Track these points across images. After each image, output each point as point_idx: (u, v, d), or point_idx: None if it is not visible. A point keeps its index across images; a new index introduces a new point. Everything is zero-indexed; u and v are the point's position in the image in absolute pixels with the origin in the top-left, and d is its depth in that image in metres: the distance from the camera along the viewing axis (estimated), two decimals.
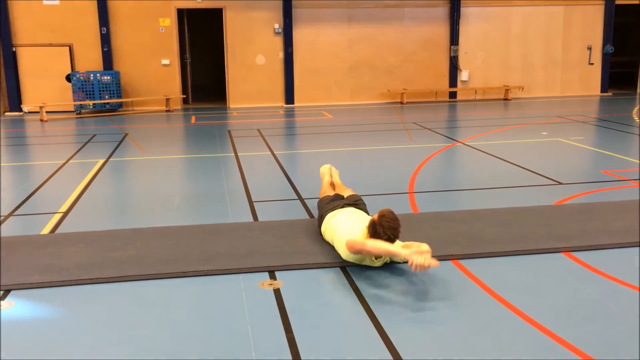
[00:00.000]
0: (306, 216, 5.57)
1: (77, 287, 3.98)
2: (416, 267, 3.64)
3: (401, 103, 15.69)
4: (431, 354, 3.11)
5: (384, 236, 3.91)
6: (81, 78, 14.08)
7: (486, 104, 15.39)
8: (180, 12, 15.22)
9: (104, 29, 14.45)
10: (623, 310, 3.54)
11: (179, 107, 15.31)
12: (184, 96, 15.66)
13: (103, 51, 14.55)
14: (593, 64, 16.77)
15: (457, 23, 15.83)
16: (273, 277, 4.10)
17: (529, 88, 16.55)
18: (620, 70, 18.69)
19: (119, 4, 14.52)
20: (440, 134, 10.56)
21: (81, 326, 3.48)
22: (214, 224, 5.30)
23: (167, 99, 14.75)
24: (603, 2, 16.40)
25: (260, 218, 5.55)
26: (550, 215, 5.30)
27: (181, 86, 15.42)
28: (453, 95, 16.43)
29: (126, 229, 5.19)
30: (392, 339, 3.24)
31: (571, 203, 5.84)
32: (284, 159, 8.57)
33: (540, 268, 4.23)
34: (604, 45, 16.62)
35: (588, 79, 16.86)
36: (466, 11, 15.95)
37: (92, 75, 14.11)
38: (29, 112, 14.25)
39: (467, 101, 16.10)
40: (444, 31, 15.97)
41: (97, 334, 3.38)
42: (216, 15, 15.27)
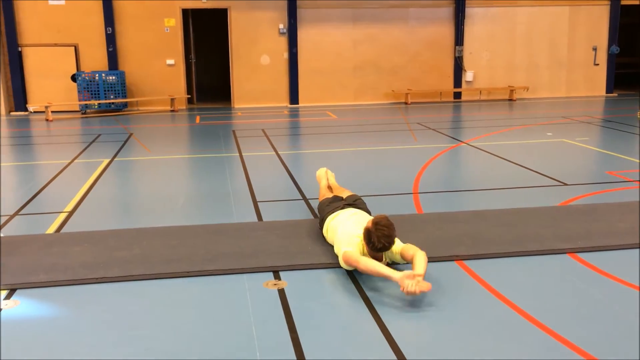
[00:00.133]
0: (310, 216, 5.57)
1: (82, 286, 3.99)
2: (407, 293, 3.59)
3: (405, 103, 15.68)
4: (435, 354, 3.11)
5: (378, 244, 3.90)
6: (86, 78, 14.12)
7: (491, 105, 15.37)
8: (185, 12, 15.25)
9: (109, 29, 14.49)
10: (627, 312, 3.53)
11: (184, 107, 15.34)
12: (189, 96, 15.68)
13: (108, 51, 14.59)
14: (598, 64, 16.72)
15: (462, 23, 15.81)
16: (277, 277, 4.11)
17: (533, 88, 16.51)
18: (626, 71, 18.66)
19: (124, 4, 14.56)
20: (444, 134, 10.55)
21: (86, 325, 3.49)
22: (218, 223, 5.31)
23: (172, 99, 14.77)
24: (608, 3, 16.35)
25: (265, 218, 5.56)
26: (555, 216, 5.29)
27: (186, 86, 15.44)
28: (458, 95, 16.41)
29: (131, 228, 5.21)
30: (396, 339, 3.24)
31: (576, 204, 5.83)
32: (289, 159, 8.57)
33: (544, 269, 4.23)
34: (609, 45, 16.58)
35: (593, 80, 16.81)
36: (471, 11, 15.93)
37: (97, 75, 14.15)
38: (34, 112, 14.30)
39: (471, 102, 16.08)
40: (448, 31, 15.95)
41: (102, 333, 3.40)
42: (221, 15, 15.30)
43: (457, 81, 16.24)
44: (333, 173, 5.69)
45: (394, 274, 3.72)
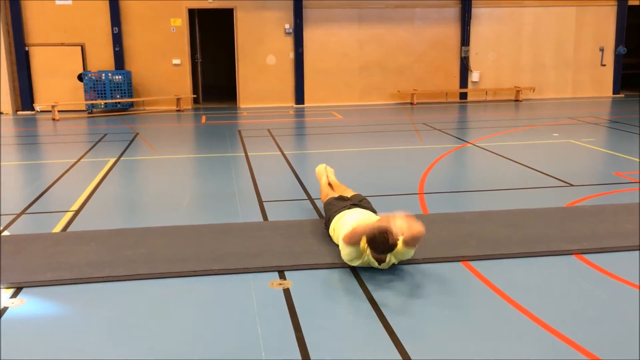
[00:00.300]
0: (315, 216, 5.57)
1: (88, 285, 4.01)
2: (401, 230, 3.81)
3: (411, 104, 15.66)
4: (440, 354, 3.10)
5: (381, 247, 3.91)
6: (93, 77, 14.16)
7: (497, 105, 15.33)
8: (192, 12, 15.28)
9: (116, 28, 14.54)
10: (634, 313, 3.52)
11: (190, 106, 15.36)
12: (195, 96, 15.71)
13: (115, 51, 14.63)
14: (605, 65, 16.66)
15: (468, 24, 15.78)
16: (282, 276, 4.11)
17: (540, 89, 16.46)
18: (633, 72, 18.57)
19: (131, 4, 14.60)
20: (450, 135, 10.53)
21: (91, 324, 3.50)
22: (223, 223, 5.32)
23: (178, 99, 14.80)
24: (615, 3, 16.29)
25: (270, 218, 5.56)
26: (561, 217, 5.28)
27: (192, 86, 15.47)
28: (464, 96, 16.38)
29: (136, 228, 5.22)
30: (401, 339, 3.23)
31: (582, 205, 5.81)
32: (294, 159, 8.58)
33: (551, 270, 4.21)
34: (616, 46, 16.51)
35: (600, 81, 16.75)
36: (477, 12, 15.90)
37: (103, 74, 14.19)
38: (41, 111, 14.35)
39: (477, 102, 16.05)
40: (454, 32, 15.92)
41: (107, 332, 3.41)
42: (227, 15, 15.32)
43: (463, 81, 16.21)
44: (332, 169, 5.70)
45: (380, 222, 3.95)
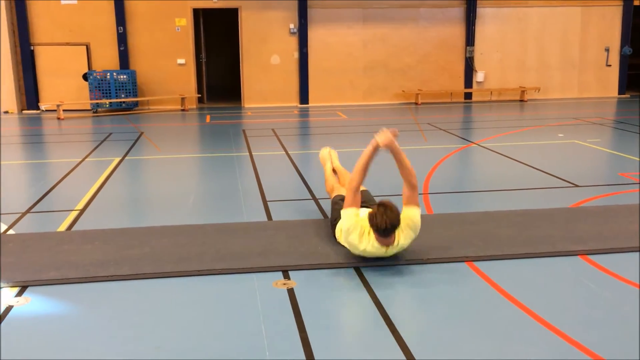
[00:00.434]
0: (320, 216, 5.57)
1: (92, 284, 4.01)
2: (382, 143, 4.34)
3: (416, 104, 15.64)
4: (445, 355, 3.09)
5: (381, 225, 3.96)
6: (98, 77, 14.19)
7: (502, 105, 15.30)
8: (196, 12, 15.29)
9: (121, 28, 14.56)
10: (638, 314, 3.51)
11: (194, 106, 15.38)
12: (199, 95, 15.73)
13: (119, 50, 14.66)
14: (610, 65, 16.60)
15: (473, 24, 15.75)
16: (287, 276, 4.11)
17: (545, 89, 16.42)
18: (638, 72, 18.49)
19: (136, 3, 14.62)
20: (455, 135, 10.51)
21: (96, 323, 3.51)
22: (228, 223, 5.32)
23: (183, 98, 14.82)
24: (621, 3, 16.24)
25: (274, 218, 5.56)
26: (566, 218, 5.26)
27: (196, 85, 15.49)
28: (468, 96, 16.36)
29: (141, 227, 5.23)
30: (405, 339, 3.23)
31: (588, 206, 5.79)
32: (298, 158, 8.58)
33: (556, 271, 4.20)
34: (621, 46, 16.45)
35: (605, 81, 16.70)
36: (482, 12, 15.87)
37: (108, 74, 14.22)
38: (46, 111, 14.39)
39: (482, 102, 16.02)
40: (459, 32, 15.89)
41: (112, 330, 3.41)
42: (232, 15, 15.33)
43: (468, 82, 16.18)
44: (336, 152, 5.58)
45: (368, 149, 4.38)
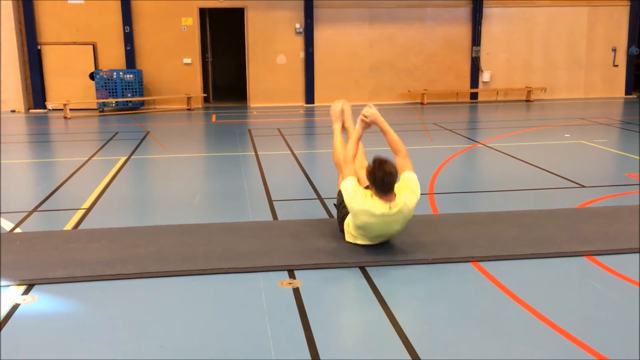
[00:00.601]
0: (325, 216, 5.57)
1: (99, 282, 4.03)
2: (369, 118, 4.72)
3: (421, 104, 15.63)
4: (450, 355, 3.09)
5: (379, 175, 4.08)
6: (104, 76, 14.24)
7: (508, 106, 15.26)
8: (203, 12, 15.32)
9: (127, 28, 14.60)
10: None
11: (200, 105, 15.41)
12: (205, 95, 15.75)
13: (126, 50, 14.70)
14: (617, 65, 16.54)
15: (480, 23, 15.72)
16: (292, 276, 4.11)
17: (551, 89, 16.37)
18: None
19: (142, 3, 14.66)
20: (461, 135, 10.50)
21: (102, 321, 3.52)
22: (233, 222, 5.33)
23: (189, 98, 14.85)
24: (628, 3, 16.17)
25: (280, 217, 5.56)
26: (572, 219, 5.25)
27: (202, 85, 15.51)
28: (474, 96, 16.32)
29: (147, 226, 5.24)
30: (411, 339, 3.23)
31: (594, 206, 5.77)
32: (304, 158, 8.58)
33: (562, 271, 4.19)
34: (628, 46, 16.38)
35: (612, 81, 16.63)
36: (489, 12, 15.83)
37: (115, 73, 14.26)
38: (53, 110, 14.45)
39: (488, 102, 15.98)
40: (465, 32, 15.86)
41: (118, 329, 3.42)
42: (238, 14, 15.35)
43: (474, 82, 16.15)
44: (350, 108, 5.31)
45: (356, 129, 4.74)
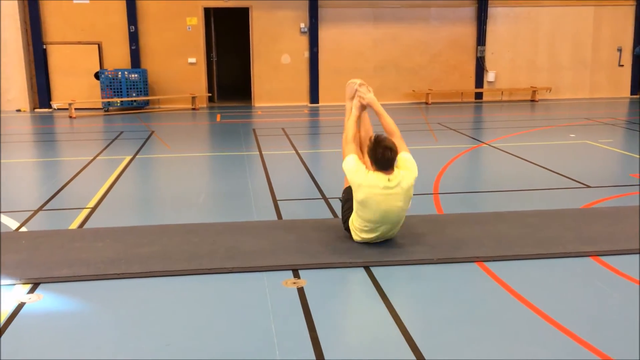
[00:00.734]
0: (330, 216, 5.57)
1: (104, 281, 4.04)
2: (365, 100, 5.11)
3: (426, 103, 15.61)
4: (455, 355, 3.09)
5: (379, 151, 4.24)
6: (109, 76, 14.27)
7: (513, 105, 15.23)
8: (207, 11, 15.34)
9: (132, 27, 14.63)
10: None
11: (205, 105, 15.42)
12: (210, 94, 15.77)
13: (131, 49, 14.73)
14: (623, 65, 16.49)
15: (485, 23, 15.69)
16: (297, 275, 4.11)
17: (556, 89, 16.33)
18: None
19: (147, 3, 14.69)
20: (465, 135, 10.48)
21: (107, 320, 3.53)
22: (238, 221, 5.33)
23: (193, 97, 14.87)
24: (634, 3, 16.12)
25: (284, 217, 5.57)
26: (577, 219, 5.23)
27: (207, 84, 15.53)
28: (479, 96, 16.30)
29: (152, 225, 5.25)
30: (415, 339, 3.22)
31: (599, 206, 5.75)
32: (308, 158, 8.58)
33: (567, 272, 4.18)
34: (634, 46, 16.33)
35: (618, 81, 16.58)
36: (494, 11, 15.80)
37: (120, 73, 14.29)
38: (58, 109, 14.49)
39: (493, 102, 15.95)
40: (470, 31, 15.84)
41: (123, 328, 3.43)
42: (242, 14, 15.36)
43: (479, 81, 16.13)
44: (371, 89, 5.21)
45: (353, 109, 5.17)
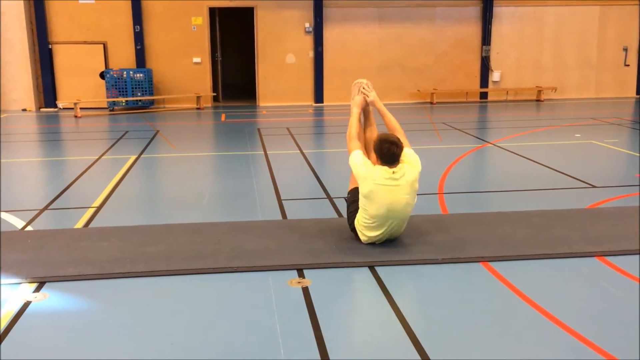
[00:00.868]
0: (335, 215, 5.57)
1: (109, 280, 4.05)
2: (369, 99, 5.34)
3: (431, 103, 15.59)
4: (459, 355, 3.08)
5: (385, 147, 4.34)
6: (114, 75, 14.30)
7: (518, 105, 15.19)
8: (212, 11, 15.35)
9: (138, 27, 14.66)
10: None
11: (210, 104, 15.44)
12: (215, 94, 15.79)
13: (136, 49, 14.76)
14: (629, 65, 16.42)
15: (490, 23, 15.66)
16: (301, 275, 4.11)
17: (562, 89, 16.28)
18: None
19: (153, 3, 14.71)
20: (470, 134, 10.46)
21: (113, 319, 3.54)
22: (243, 221, 5.34)
23: (198, 97, 14.89)
24: None
25: (289, 216, 5.57)
26: (583, 219, 5.22)
27: (212, 84, 15.55)
28: (484, 95, 16.26)
29: (157, 224, 5.26)
30: (420, 339, 3.22)
31: (605, 207, 5.74)
32: (313, 157, 8.58)
33: (572, 272, 4.17)
34: None
35: (623, 81, 16.52)
36: (499, 11, 15.76)
37: (125, 72, 14.32)
38: (63, 108, 14.54)
39: (498, 102, 15.92)
40: (475, 31, 15.80)
41: (128, 327, 3.44)
42: (247, 14, 15.37)
43: (484, 81, 16.09)
44: (373, 92, 5.36)
45: (354, 108, 5.34)
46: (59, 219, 5.72)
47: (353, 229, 4.63)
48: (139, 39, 14.70)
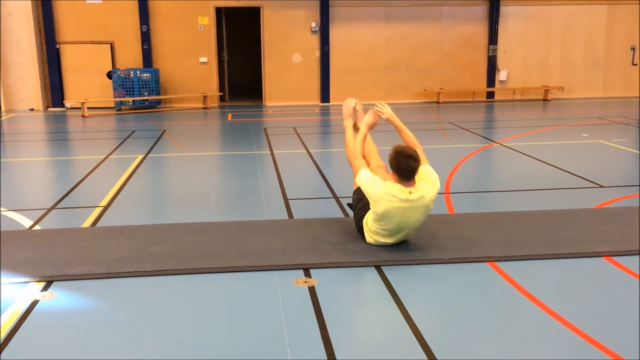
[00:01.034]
0: (341, 215, 5.57)
1: (116, 279, 4.06)
2: (385, 115, 5.22)
3: (437, 103, 15.56)
4: (466, 355, 3.08)
5: (403, 163, 4.17)
6: (121, 75, 14.35)
7: (525, 105, 15.15)
8: (219, 11, 15.38)
9: (144, 27, 14.70)
10: None
11: (216, 104, 15.47)
12: (221, 94, 15.81)
13: (143, 49, 14.80)
14: (636, 64, 16.34)
15: (496, 22, 15.62)
16: (308, 274, 4.12)
17: (569, 89, 16.22)
18: None
19: (159, 3, 14.75)
20: (477, 134, 10.44)
21: (120, 318, 3.56)
22: (249, 220, 5.35)
23: (205, 97, 14.91)
24: None
25: (295, 216, 5.58)
26: (590, 219, 5.20)
27: (218, 84, 15.57)
28: (491, 95, 16.22)
29: (164, 224, 5.28)
30: (426, 338, 3.22)
31: (612, 206, 5.71)
32: (319, 157, 8.59)
33: (579, 272, 4.16)
34: None
35: (631, 80, 16.43)
36: (506, 10, 15.72)
37: (132, 72, 14.36)
38: (71, 108, 14.59)
39: (505, 101, 15.87)
40: (482, 30, 15.76)
41: (135, 326, 3.45)
42: (254, 13, 15.39)
43: (491, 81, 16.05)
44: (362, 106, 5.42)
45: (363, 127, 5.14)
46: (66, 218, 5.74)
47: (360, 229, 4.63)
48: (145, 38, 14.75)
